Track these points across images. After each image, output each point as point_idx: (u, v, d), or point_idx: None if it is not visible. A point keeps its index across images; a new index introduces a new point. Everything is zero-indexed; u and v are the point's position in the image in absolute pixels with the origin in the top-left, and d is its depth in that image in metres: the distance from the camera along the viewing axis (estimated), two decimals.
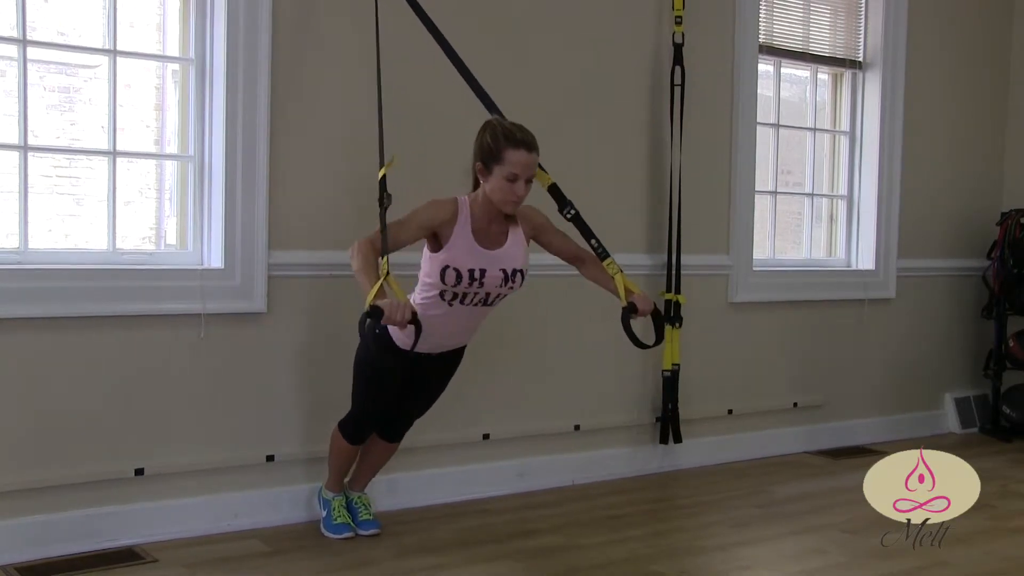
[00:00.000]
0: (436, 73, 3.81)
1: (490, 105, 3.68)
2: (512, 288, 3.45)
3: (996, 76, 6.21)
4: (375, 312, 3.05)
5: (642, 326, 3.51)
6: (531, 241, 3.55)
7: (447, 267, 3.32)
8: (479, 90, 3.72)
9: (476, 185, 3.40)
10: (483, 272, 3.35)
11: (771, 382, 5.36)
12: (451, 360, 3.67)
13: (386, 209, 3.31)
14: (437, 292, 3.37)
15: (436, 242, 3.37)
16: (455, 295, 3.38)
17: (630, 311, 3.41)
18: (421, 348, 3.39)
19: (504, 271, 3.39)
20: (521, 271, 3.44)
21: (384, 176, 3.36)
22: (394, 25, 3.74)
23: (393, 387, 3.60)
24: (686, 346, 4.87)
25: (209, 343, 3.75)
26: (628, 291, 3.45)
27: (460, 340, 3.63)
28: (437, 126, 4.10)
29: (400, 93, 3.63)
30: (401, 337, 3.41)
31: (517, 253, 3.44)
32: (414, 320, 3.11)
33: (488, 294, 3.42)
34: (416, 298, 3.41)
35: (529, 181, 3.33)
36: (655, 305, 3.50)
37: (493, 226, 3.41)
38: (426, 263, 3.40)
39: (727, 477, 4.89)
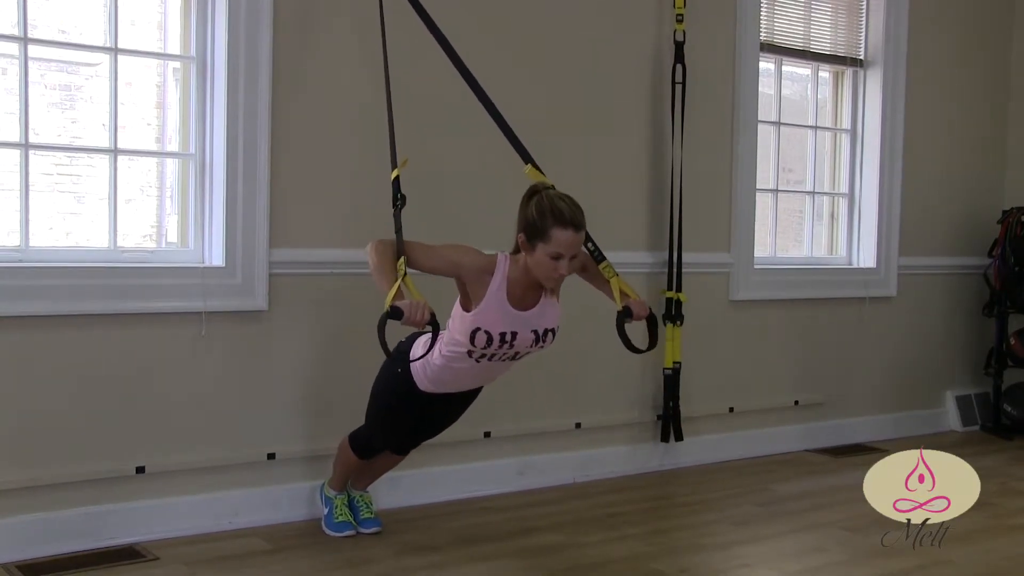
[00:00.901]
0: (436, 73, 3.80)
1: (463, 70, 3.65)
2: (542, 347, 3.36)
3: (997, 74, 6.20)
4: (395, 313, 3.02)
5: (636, 329, 3.48)
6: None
7: (478, 329, 3.21)
8: (452, 54, 3.67)
9: (518, 248, 3.24)
10: (514, 335, 3.25)
11: (772, 380, 5.36)
12: (469, 397, 3.64)
13: (400, 210, 3.28)
14: (465, 350, 3.28)
15: (465, 295, 3.27)
16: (483, 354, 3.30)
17: (624, 316, 3.35)
18: (441, 390, 3.41)
19: (536, 332, 3.29)
20: (553, 330, 3.35)
21: (397, 177, 3.34)
22: (394, 25, 3.73)
23: (409, 420, 3.59)
24: (687, 344, 4.87)
25: (210, 341, 3.76)
26: (624, 295, 3.38)
27: (481, 385, 3.60)
28: (437, 126, 4.10)
29: (402, 93, 3.62)
30: (424, 382, 3.40)
31: (550, 313, 3.32)
32: (432, 321, 3.07)
33: (517, 352, 3.35)
34: (442, 350, 3.32)
35: (574, 259, 3.20)
36: (650, 309, 3.44)
37: (528, 294, 3.28)
38: (456, 321, 3.28)
39: (728, 475, 4.90)
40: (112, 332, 3.58)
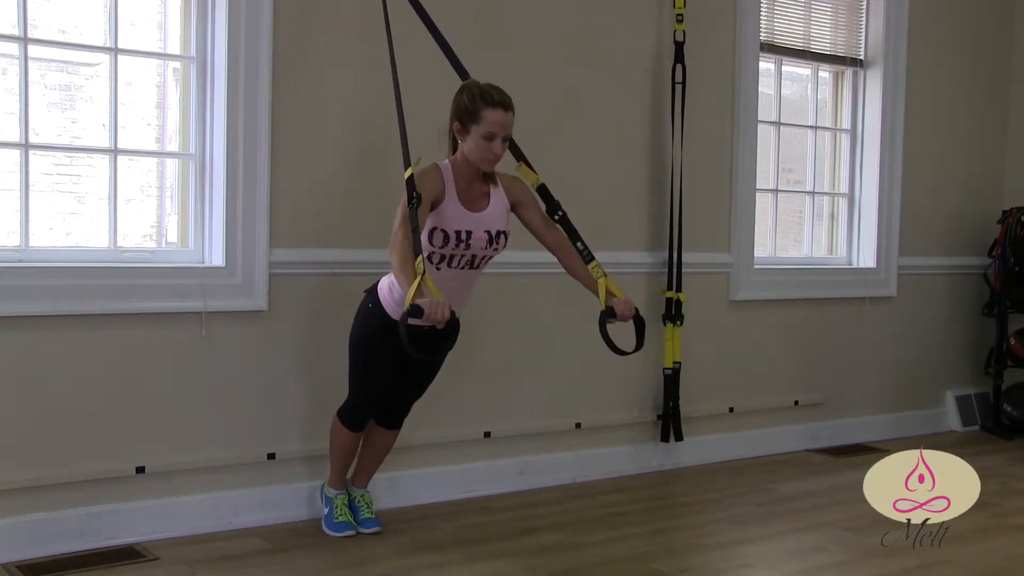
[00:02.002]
0: (433, 72, 3.80)
1: (462, 71, 3.72)
2: (496, 250, 3.51)
3: (997, 74, 6.20)
4: (415, 311, 3.08)
5: (625, 331, 3.48)
6: (511, 213, 3.56)
7: (435, 228, 3.37)
8: (452, 55, 3.75)
9: (453, 148, 3.46)
10: (469, 234, 3.41)
11: (772, 380, 5.36)
12: (445, 336, 3.64)
13: (416, 208, 3.29)
14: (425, 255, 3.35)
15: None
16: (442, 257, 3.42)
17: (607, 316, 3.37)
18: (414, 320, 3.42)
19: (488, 232, 3.45)
20: (504, 232, 3.50)
21: (412, 176, 3.35)
22: (392, 25, 3.73)
23: (388, 364, 3.60)
24: (687, 344, 4.87)
25: (210, 341, 3.76)
26: (610, 295, 3.43)
27: (453, 307, 3.61)
28: (435, 126, 4.09)
29: (404, 89, 3.62)
30: (393, 306, 3.46)
31: (500, 215, 3.50)
32: (452, 319, 3.14)
33: (474, 256, 3.47)
34: None
35: (505, 140, 3.40)
36: (636, 310, 3.46)
37: (474, 187, 3.46)
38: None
39: (728, 475, 4.90)
40: (112, 332, 3.58)
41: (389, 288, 3.51)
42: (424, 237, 3.36)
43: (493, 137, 3.35)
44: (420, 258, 3.19)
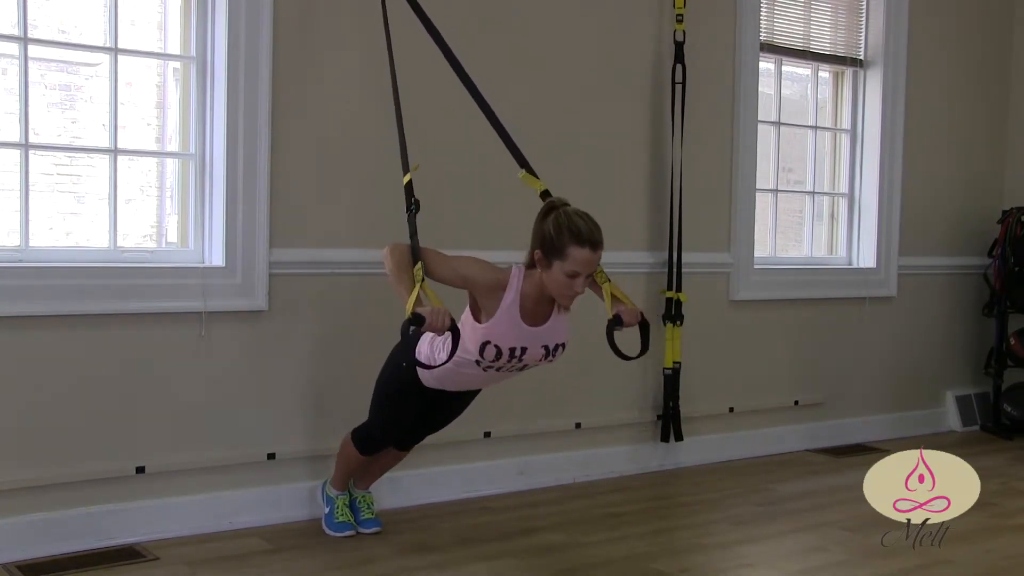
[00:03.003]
0: (433, 75, 3.80)
1: (462, 71, 3.62)
2: (551, 361, 3.35)
3: (997, 74, 6.20)
4: (417, 319, 3.00)
5: (629, 334, 3.45)
6: None
7: (488, 343, 3.19)
8: (451, 55, 3.65)
9: (531, 262, 3.21)
10: (524, 350, 3.23)
11: (772, 380, 5.36)
12: (472, 395, 3.65)
13: (415, 214, 3.25)
14: (473, 359, 3.26)
15: (475, 303, 3.25)
16: (491, 365, 3.29)
17: (615, 324, 3.27)
18: (445, 388, 3.42)
19: (546, 347, 3.28)
20: (563, 344, 3.33)
21: (410, 181, 3.33)
22: (392, 26, 3.73)
23: (410, 412, 3.59)
24: (687, 344, 4.87)
25: (210, 341, 3.76)
26: (616, 301, 3.33)
27: (482, 388, 3.60)
28: (434, 129, 4.09)
29: (404, 93, 3.62)
30: (428, 379, 3.40)
31: (561, 328, 3.30)
32: (452, 328, 3.04)
33: (525, 365, 3.33)
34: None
35: (589, 276, 3.18)
36: (642, 315, 3.36)
37: (539, 308, 3.25)
38: (466, 329, 3.21)
39: (728, 475, 4.90)
40: (112, 332, 3.58)
41: (430, 345, 3.33)
42: (475, 346, 3.20)
43: (577, 276, 3.12)
44: (419, 265, 3.13)
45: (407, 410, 3.58)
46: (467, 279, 3.21)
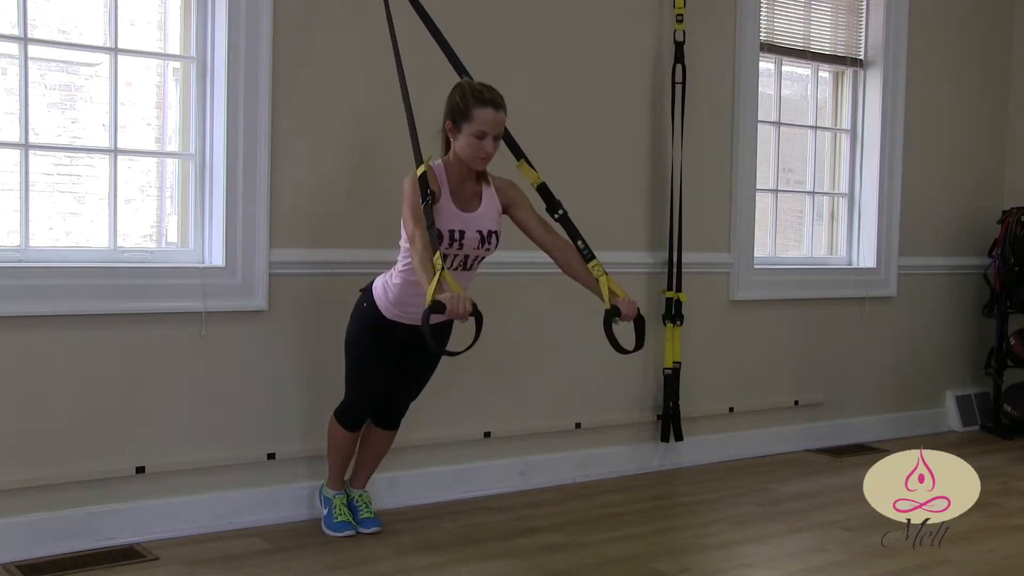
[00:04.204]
0: (432, 71, 3.80)
1: (460, 68, 3.71)
2: (488, 250, 3.51)
3: (997, 74, 6.20)
4: (437, 306, 3.10)
5: (625, 330, 3.46)
6: (503, 215, 3.55)
7: (429, 227, 3.33)
8: (452, 55, 3.73)
9: (446, 148, 3.47)
10: (462, 233, 3.41)
11: (772, 380, 5.36)
12: (440, 335, 3.63)
13: (430, 206, 3.30)
14: None
15: None
16: None
17: (612, 315, 3.35)
18: (408, 320, 3.47)
19: (480, 232, 3.45)
20: (496, 232, 3.50)
21: (424, 174, 3.35)
22: (395, 25, 3.73)
23: (383, 363, 3.62)
24: (687, 344, 4.87)
25: (210, 341, 3.76)
26: (612, 294, 3.39)
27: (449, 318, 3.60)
28: (434, 125, 4.09)
29: (397, 92, 3.62)
30: (387, 307, 3.49)
31: (491, 215, 3.50)
32: (475, 312, 3.14)
33: (467, 256, 3.47)
34: (398, 267, 3.48)
35: (497, 139, 3.41)
36: (638, 310, 3.43)
37: (466, 186, 3.47)
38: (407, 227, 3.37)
39: (728, 475, 4.90)
40: (112, 332, 3.58)
41: (384, 287, 3.52)
42: None
43: (484, 136, 3.36)
44: (438, 254, 3.21)
45: (379, 370, 3.63)
46: (417, 216, 3.30)
